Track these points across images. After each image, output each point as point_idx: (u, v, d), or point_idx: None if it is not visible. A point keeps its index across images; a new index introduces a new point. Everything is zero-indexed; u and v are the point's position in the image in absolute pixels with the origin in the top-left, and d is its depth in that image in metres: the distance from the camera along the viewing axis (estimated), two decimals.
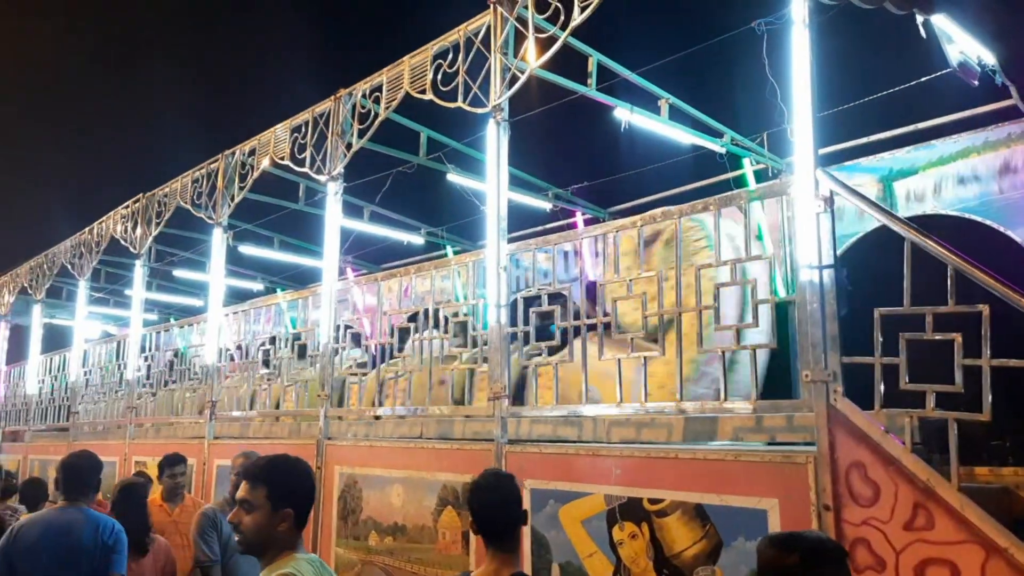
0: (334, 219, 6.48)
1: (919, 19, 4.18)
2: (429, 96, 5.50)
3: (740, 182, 7.12)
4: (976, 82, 4.78)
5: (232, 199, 7.65)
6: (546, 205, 8.59)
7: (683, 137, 6.69)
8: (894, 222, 3.40)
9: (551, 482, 4.44)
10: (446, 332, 5.50)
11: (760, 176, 7.22)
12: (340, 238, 6.62)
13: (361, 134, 6.19)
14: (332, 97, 6.46)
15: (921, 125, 6.22)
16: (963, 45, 4.51)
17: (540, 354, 4.89)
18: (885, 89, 6.64)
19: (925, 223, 6.37)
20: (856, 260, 6.08)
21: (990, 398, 3.07)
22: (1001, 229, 5.61)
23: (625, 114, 6.07)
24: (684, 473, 3.88)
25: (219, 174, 7.79)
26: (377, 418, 6.08)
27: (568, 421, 5.21)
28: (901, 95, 6.52)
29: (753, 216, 6.67)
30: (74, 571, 3.91)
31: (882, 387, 3.35)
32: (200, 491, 7.13)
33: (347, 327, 6.44)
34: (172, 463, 5.80)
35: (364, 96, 6.18)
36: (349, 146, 6.29)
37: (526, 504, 4.47)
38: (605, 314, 4.75)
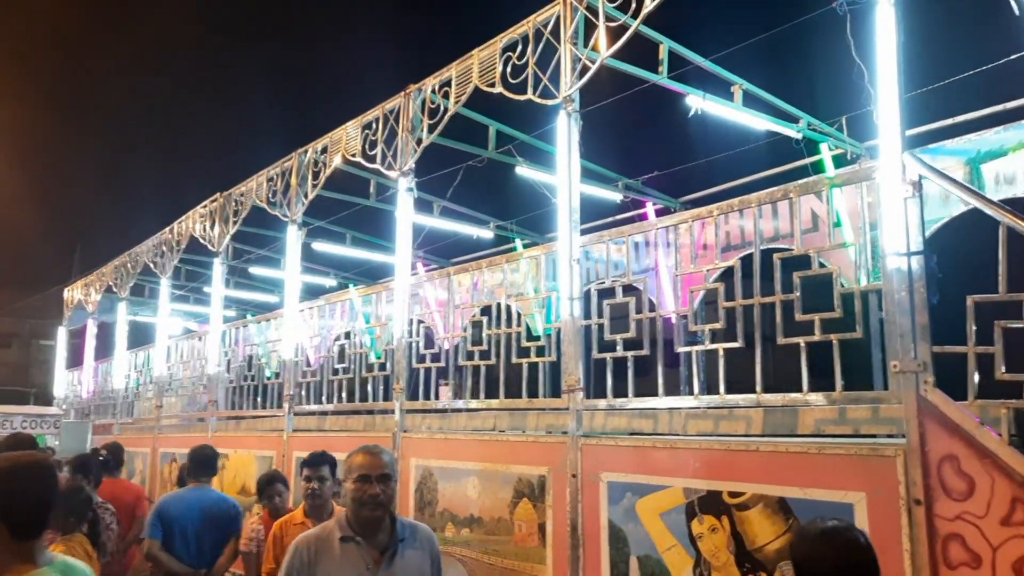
0: (405, 214, 6.55)
1: None
2: (499, 89, 5.50)
3: (818, 168, 6.93)
4: None
5: (306, 197, 7.80)
6: (616, 196, 8.52)
7: (757, 123, 6.54)
8: (988, 205, 3.26)
9: (628, 475, 4.41)
10: (518, 326, 5.51)
11: (838, 161, 7.02)
12: (411, 233, 6.69)
13: (431, 129, 6.23)
14: (402, 93, 6.52)
15: (1010, 105, 5.95)
16: None
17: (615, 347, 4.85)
18: (972, 68, 6.37)
19: (1016, 206, 6.10)
20: (942, 246, 5.86)
21: None
22: None
23: (697, 101, 5.97)
24: (765, 466, 3.81)
25: (293, 172, 7.96)
26: (452, 411, 6.13)
27: (643, 414, 5.16)
28: (988, 74, 6.25)
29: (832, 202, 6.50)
30: (217, 530, 5.48)
31: (976, 377, 3.23)
32: None
33: (420, 321, 6.51)
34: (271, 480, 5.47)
35: (433, 91, 6.23)
36: (419, 141, 6.35)
37: (602, 497, 4.46)
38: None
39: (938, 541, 3.12)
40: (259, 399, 8.44)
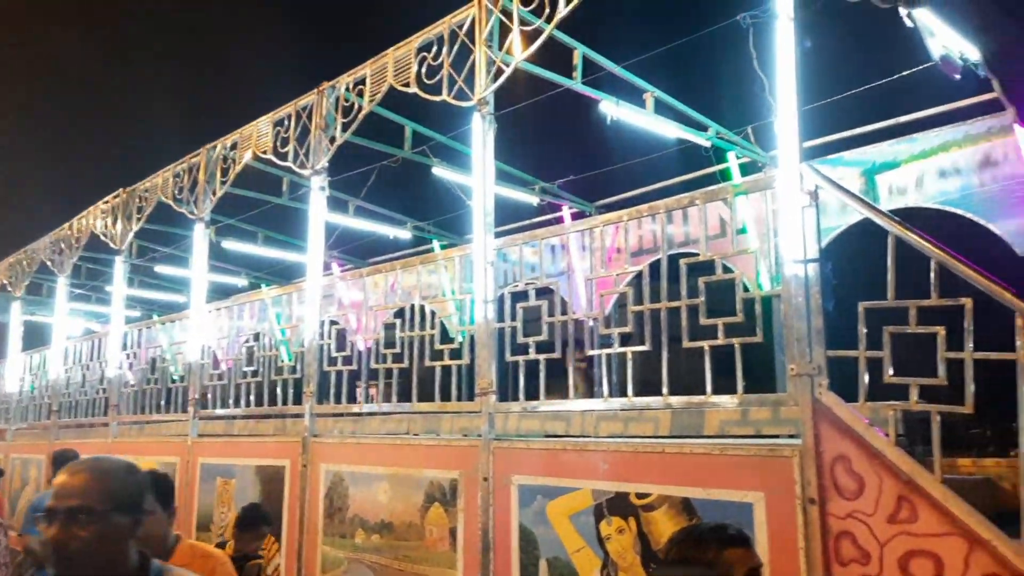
0: (318, 213, 6.44)
1: (903, 12, 4.19)
2: (413, 89, 5.46)
3: (726, 175, 7.14)
4: (958, 76, 4.81)
5: (214, 194, 7.58)
6: (533, 199, 8.58)
7: (669, 131, 6.69)
8: (878, 215, 3.41)
9: (539, 477, 4.44)
10: (433, 328, 5.48)
11: (746, 169, 7.24)
12: (325, 233, 6.58)
13: (345, 127, 6.14)
14: (315, 90, 6.41)
15: (903, 119, 6.25)
16: (945, 39, 4.53)
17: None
18: (868, 83, 6.66)
19: (907, 216, 6.42)
20: (839, 253, 6.12)
21: (972, 390, 3.09)
22: (981, 222, 5.65)
23: (611, 108, 6.06)
24: (671, 467, 3.89)
25: (201, 168, 7.71)
26: (366, 415, 6.06)
27: (557, 416, 5.19)
28: (884, 89, 6.54)
29: (738, 209, 6.70)
30: None
31: (867, 380, 3.38)
32: (183, 489, 7.08)
33: (332, 323, 6.40)
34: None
35: (348, 89, 6.14)
36: (333, 140, 6.25)
37: (514, 500, 4.48)
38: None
39: (831, 539, 3.25)
40: (163, 403, 8.14)
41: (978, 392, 3.09)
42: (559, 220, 8.46)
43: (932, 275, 3.20)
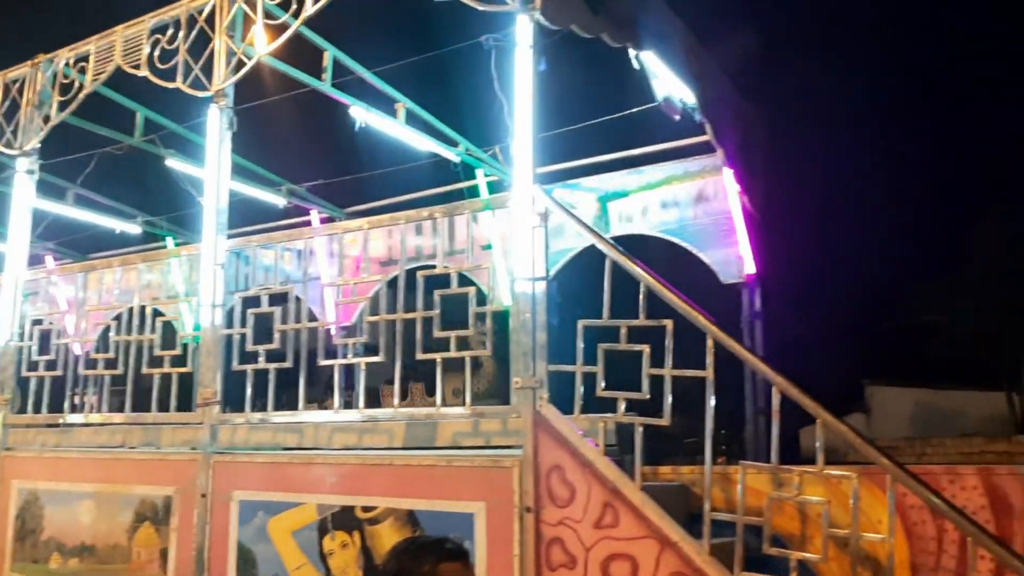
0: (24, 199, 5.72)
1: (632, 53, 4.53)
2: (144, 72, 5.03)
3: (474, 192, 7.31)
4: (678, 117, 5.29)
5: None
6: (279, 201, 8.24)
7: (420, 143, 6.73)
8: (599, 241, 3.64)
9: (262, 492, 4.24)
10: (154, 332, 5.05)
11: (493, 187, 7.46)
12: (33, 221, 5.87)
13: (63, 107, 5.51)
14: (29, 62, 5.71)
15: (633, 152, 6.77)
16: (668, 82, 4.96)
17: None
18: (607, 114, 7.13)
19: (637, 242, 6.97)
20: (576, 273, 6.48)
21: (670, 403, 3.38)
22: (694, 251, 6.25)
23: (361, 113, 5.98)
24: (398, 479, 3.87)
25: None
26: (73, 426, 5.44)
27: (289, 427, 4.99)
28: (621, 121, 7.03)
29: (486, 226, 6.88)
30: None
31: (587, 391, 3.57)
32: None
33: (36, 322, 5.70)
34: None
35: (68, 65, 5.52)
36: (47, 119, 5.58)
37: (233, 517, 4.23)
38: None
39: (543, 545, 3.40)
40: None
41: (695, 405, 3.36)
42: (307, 224, 8.21)
43: (641, 298, 3.46)
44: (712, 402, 3.33)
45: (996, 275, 21.16)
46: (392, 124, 6.24)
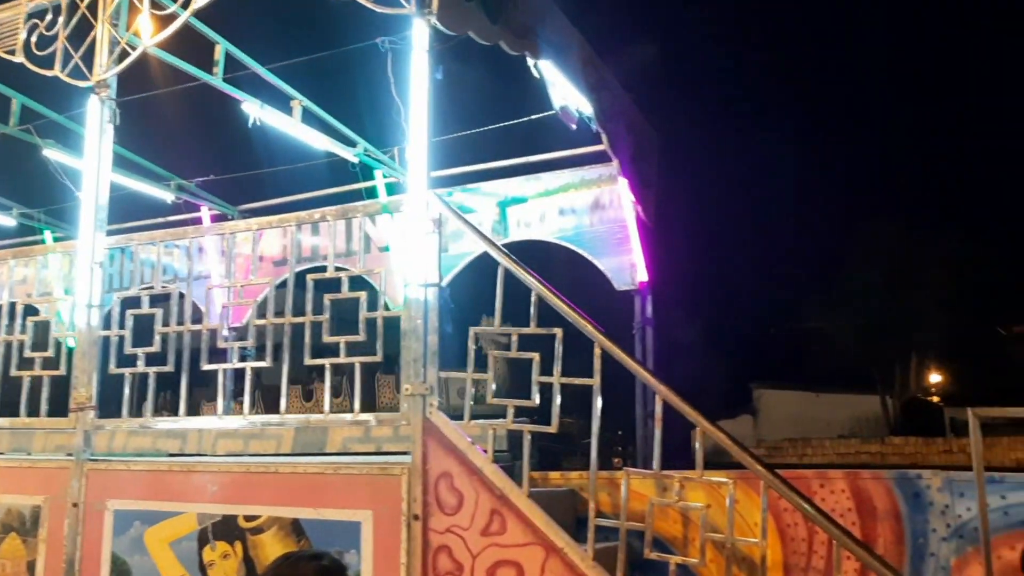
0: None
1: (530, 62, 4.57)
2: (20, 58, 4.74)
3: (373, 193, 7.22)
4: (575, 126, 5.37)
5: None
6: (168, 196, 7.91)
7: (317, 141, 6.59)
8: (491, 247, 3.65)
9: (139, 502, 4.06)
10: (24, 331, 4.76)
11: (392, 189, 7.38)
12: None
13: None
14: None
15: (533, 158, 6.82)
16: (565, 91, 5.03)
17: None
18: (512, 119, 7.16)
19: (538, 248, 7.04)
20: (477, 277, 6.48)
21: (558, 410, 3.43)
22: (590, 258, 6.36)
23: (255, 109, 5.81)
24: (284, 488, 3.78)
25: None
26: None
27: (171, 433, 4.82)
28: (522, 127, 7.08)
29: (384, 228, 6.80)
30: None
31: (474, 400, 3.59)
32: None
33: None
34: None
35: None
36: None
37: (107, 528, 4.03)
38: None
39: (430, 553, 3.38)
40: None
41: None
42: (198, 221, 7.92)
43: (532, 306, 3.49)
44: (599, 408, 3.39)
45: (872, 285, 22.45)
46: (288, 121, 6.08)
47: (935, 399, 23.71)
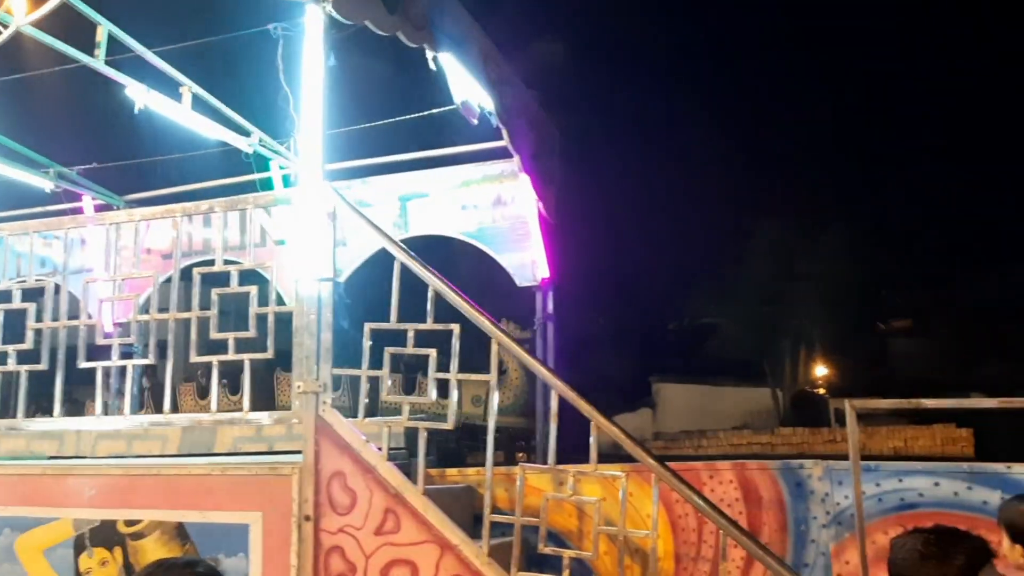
0: None
1: (429, 55, 4.50)
2: None
3: (268, 184, 7.00)
4: (476, 121, 5.34)
5: None
6: (47, 184, 7.45)
7: (209, 130, 6.33)
8: (387, 241, 3.59)
9: (8, 508, 3.82)
10: None
11: (290, 181, 7.17)
12: None
13: None
14: None
15: (435, 152, 6.76)
16: (466, 86, 4.99)
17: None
18: (415, 112, 7.05)
19: (442, 244, 6.98)
20: (378, 274, 6.36)
21: (455, 406, 3.40)
22: (492, 254, 6.35)
23: (141, 94, 5.52)
24: (168, 490, 3.62)
25: None
26: None
27: (46, 435, 4.55)
28: (426, 121, 6.99)
29: (282, 221, 6.60)
30: None
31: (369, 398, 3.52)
32: None
33: None
34: None
35: None
36: None
37: None
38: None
39: (322, 554, 3.30)
40: None
41: None
42: (80, 211, 7.49)
43: (429, 302, 3.45)
44: (495, 405, 3.39)
45: (763, 282, 23.39)
46: (177, 108, 5.81)
47: (821, 391, 24.88)
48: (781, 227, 23.66)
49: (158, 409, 3.97)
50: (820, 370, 26.03)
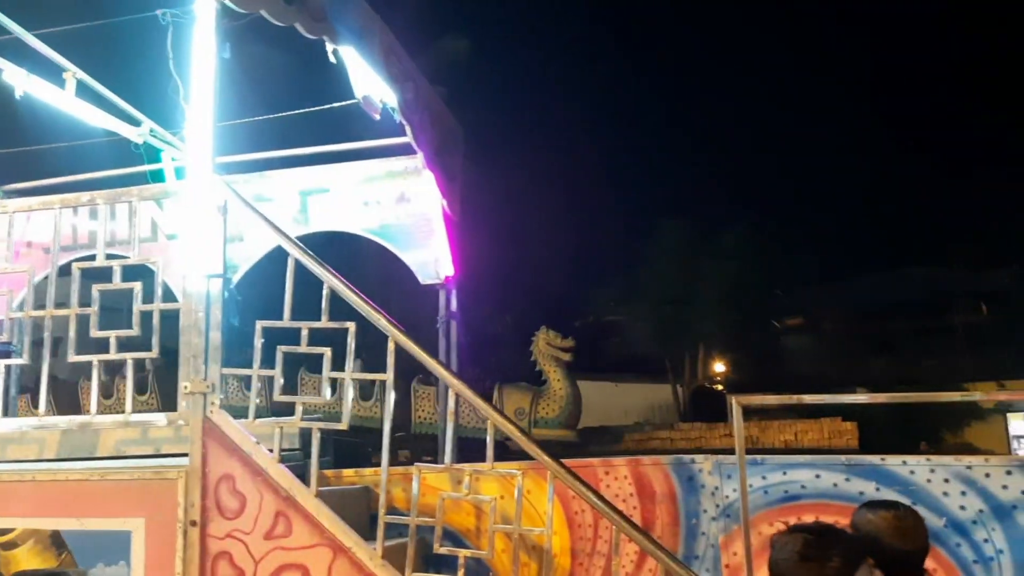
0: None
1: (329, 48, 4.41)
2: None
3: (159, 176, 6.71)
4: (378, 116, 5.25)
5: None
6: None
7: (96, 118, 6.02)
8: (280, 237, 3.49)
9: None
10: None
11: (183, 173, 6.90)
12: None
13: None
14: None
15: (337, 147, 6.61)
16: (367, 80, 4.91)
17: None
18: (316, 105, 6.88)
19: (346, 240, 6.84)
20: (275, 271, 6.18)
21: (350, 406, 3.35)
22: (395, 251, 6.27)
23: (20, 80, 5.21)
24: (42, 497, 3.43)
25: None
26: None
27: None
28: (328, 114, 6.83)
29: (174, 215, 6.34)
30: None
31: (262, 399, 3.42)
32: None
33: None
34: None
35: None
36: None
37: None
38: None
39: (208, 560, 3.19)
40: None
41: None
42: None
43: (324, 300, 3.37)
44: (391, 403, 3.34)
45: (664, 280, 24.00)
46: (61, 95, 5.50)
47: (719, 387, 25.72)
48: (682, 227, 24.31)
49: (62, 411, 3.76)
50: (718, 366, 26.89)
